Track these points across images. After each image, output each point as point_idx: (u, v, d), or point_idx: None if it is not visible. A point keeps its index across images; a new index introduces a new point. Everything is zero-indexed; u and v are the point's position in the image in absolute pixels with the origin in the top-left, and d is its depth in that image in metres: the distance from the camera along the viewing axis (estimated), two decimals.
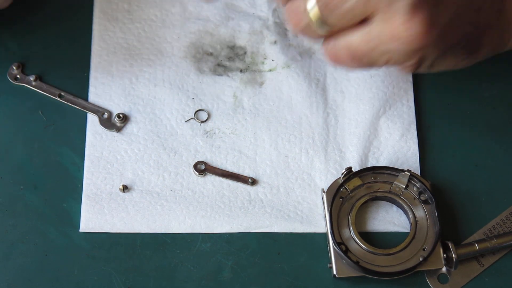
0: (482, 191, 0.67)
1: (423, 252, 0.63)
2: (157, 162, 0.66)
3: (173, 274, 0.63)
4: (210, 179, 0.66)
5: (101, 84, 0.69)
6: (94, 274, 0.63)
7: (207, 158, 0.67)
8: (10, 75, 0.69)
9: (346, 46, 0.57)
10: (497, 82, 0.70)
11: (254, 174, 0.67)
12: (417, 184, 0.65)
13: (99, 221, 0.64)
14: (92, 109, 0.68)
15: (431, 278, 0.64)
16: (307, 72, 0.70)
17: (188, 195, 0.66)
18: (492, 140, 0.69)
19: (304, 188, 0.66)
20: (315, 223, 0.65)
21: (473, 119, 0.70)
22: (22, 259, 0.63)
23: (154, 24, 0.72)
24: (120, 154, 0.67)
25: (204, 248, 0.64)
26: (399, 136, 0.68)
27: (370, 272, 0.61)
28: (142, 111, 0.68)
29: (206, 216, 0.65)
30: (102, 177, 0.66)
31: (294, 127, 0.68)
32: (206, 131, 0.68)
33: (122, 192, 0.65)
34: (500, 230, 0.66)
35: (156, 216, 0.65)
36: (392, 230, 0.65)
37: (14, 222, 0.64)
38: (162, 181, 0.66)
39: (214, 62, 0.71)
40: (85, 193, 0.65)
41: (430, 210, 0.64)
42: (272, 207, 0.66)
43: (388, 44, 0.55)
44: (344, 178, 0.64)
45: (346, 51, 0.57)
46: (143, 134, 0.67)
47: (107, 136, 0.67)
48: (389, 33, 0.54)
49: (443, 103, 0.70)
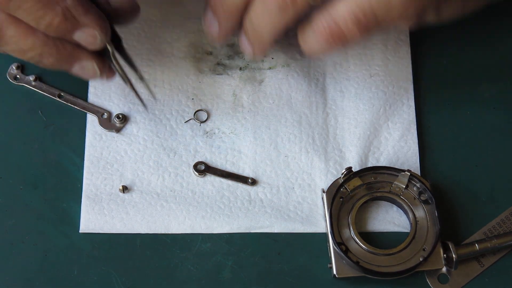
0: (482, 191, 0.67)
1: (423, 252, 0.63)
2: (156, 163, 0.66)
3: (173, 274, 0.63)
4: (210, 179, 0.66)
5: (100, 84, 0.69)
6: (94, 274, 0.63)
7: (207, 158, 0.67)
8: (10, 75, 0.69)
9: (352, 10, 0.55)
10: (497, 82, 0.70)
11: (254, 174, 0.67)
12: (417, 184, 0.65)
13: (99, 222, 0.64)
14: (92, 109, 0.68)
15: (431, 278, 0.64)
16: (306, 71, 0.70)
17: (188, 196, 0.66)
18: (492, 140, 0.69)
19: (304, 188, 0.66)
20: (315, 223, 0.65)
21: (473, 119, 0.70)
22: (22, 259, 0.63)
23: (153, 24, 0.72)
24: (119, 154, 0.67)
25: (204, 248, 0.64)
26: (399, 136, 0.68)
27: (370, 272, 0.61)
28: (141, 112, 0.68)
29: (206, 216, 0.65)
30: (102, 177, 0.66)
31: (293, 126, 0.68)
32: (206, 131, 0.68)
33: (122, 193, 0.65)
34: (500, 230, 0.66)
35: (156, 216, 0.65)
36: (392, 230, 0.65)
37: (14, 222, 0.64)
38: (162, 181, 0.66)
39: (213, 61, 0.71)
40: (84, 193, 0.65)
41: (430, 210, 0.64)
42: (272, 207, 0.66)
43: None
44: (344, 178, 0.64)
45: (353, 17, 0.55)
46: (142, 135, 0.67)
47: (107, 137, 0.67)
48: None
49: (443, 103, 0.70)
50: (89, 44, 0.59)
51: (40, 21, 0.56)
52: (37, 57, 0.59)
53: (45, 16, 0.56)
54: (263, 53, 0.63)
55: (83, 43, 0.59)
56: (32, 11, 0.55)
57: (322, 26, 0.57)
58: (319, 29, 0.57)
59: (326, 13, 0.56)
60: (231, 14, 0.61)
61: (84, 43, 0.59)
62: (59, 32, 0.57)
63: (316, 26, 0.57)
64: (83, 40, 0.58)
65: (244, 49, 0.62)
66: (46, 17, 0.56)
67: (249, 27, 0.60)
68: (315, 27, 0.57)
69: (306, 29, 0.58)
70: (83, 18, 0.57)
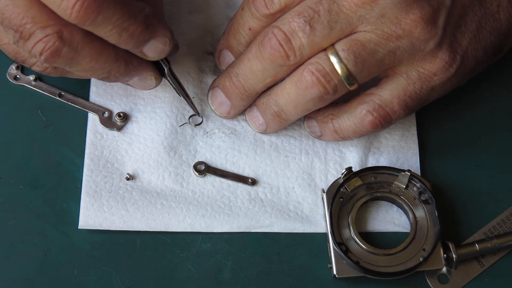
0: (482, 191, 0.67)
1: (423, 252, 0.63)
2: (157, 162, 0.66)
3: (173, 274, 0.63)
4: (210, 179, 0.66)
5: (102, 83, 0.69)
6: (94, 274, 0.63)
7: (207, 158, 0.67)
8: (10, 75, 0.69)
9: (398, 95, 0.59)
10: (497, 82, 0.70)
11: (254, 174, 0.67)
12: (417, 184, 0.65)
13: (98, 218, 0.64)
14: (93, 108, 0.68)
15: (431, 278, 0.64)
16: None
17: (188, 195, 0.66)
18: (492, 140, 0.69)
19: (304, 188, 0.66)
20: (315, 223, 0.65)
21: (473, 119, 0.70)
22: (22, 259, 0.63)
23: None
24: (120, 153, 0.67)
25: (204, 248, 0.64)
26: (399, 136, 0.68)
27: (370, 272, 0.61)
28: (142, 111, 0.68)
29: (206, 215, 0.65)
30: (102, 175, 0.66)
31: (293, 128, 0.68)
32: (206, 131, 0.68)
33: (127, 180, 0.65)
34: (501, 230, 0.66)
35: (156, 214, 0.65)
36: (392, 230, 0.65)
37: (14, 222, 0.64)
38: (162, 181, 0.66)
39: (214, 61, 0.70)
40: (84, 190, 0.65)
41: (430, 210, 0.64)
42: (272, 207, 0.66)
43: (434, 79, 0.59)
44: (344, 178, 0.64)
45: (400, 102, 0.60)
46: (143, 134, 0.67)
47: (108, 135, 0.67)
48: (429, 71, 0.59)
49: (443, 103, 0.69)
50: (159, 52, 0.59)
51: (123, 33, 0.55)
52: (106, 73, 0.59)
53: (129, 27, 0.55)
54: (275, 131, 0.67)
55: (151, 53, 0.59)
56: (118, 23, 0.54)
57: (367, 111, 0.60)
58: (362, 114, 0.60)
59: (369, 98, 0.60)
60: (248, 97, 0.63)
61: (153, 53, 0.59)
62: (138, 42, 0.57)
63: (360, 111, 0.60)
64: (153, 49, 0.59)
65: (254, 125, 0.66)
66: (131, 27, 0.55)
67: (274, 108, 0.62)
68: (358, 112, 0.61)
69: (340, 115, 0.62)
70: (159, 26, 0.58)
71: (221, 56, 0.66)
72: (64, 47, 0.55)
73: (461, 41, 0.59)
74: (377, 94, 0.60)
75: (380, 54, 0.58)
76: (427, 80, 0.59)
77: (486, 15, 0.60)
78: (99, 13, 0.53)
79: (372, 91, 0.60)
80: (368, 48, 0.57)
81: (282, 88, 0.61)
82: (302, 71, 0.59)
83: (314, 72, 0.58)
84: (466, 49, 0.60)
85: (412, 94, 0.60)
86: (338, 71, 0.58)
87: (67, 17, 0.53)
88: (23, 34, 0.55)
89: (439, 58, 0.59)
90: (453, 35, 0.59)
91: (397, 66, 0.59)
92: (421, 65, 0.59)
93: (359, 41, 0.57)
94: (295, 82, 0.59)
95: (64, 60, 0.56)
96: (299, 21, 0.58)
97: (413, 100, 0.60)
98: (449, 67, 0.59)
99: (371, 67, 0.58)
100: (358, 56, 0.57)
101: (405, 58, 0.58)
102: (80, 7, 0.52)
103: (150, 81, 0.63)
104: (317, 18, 0.57)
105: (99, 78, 0.60)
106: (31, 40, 0.55)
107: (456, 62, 0.59)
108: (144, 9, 0.56)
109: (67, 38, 0.55)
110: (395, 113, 0.60)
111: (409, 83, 0.59)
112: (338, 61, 0.58)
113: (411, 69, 0.59)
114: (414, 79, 0.59)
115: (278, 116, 0.63)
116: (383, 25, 0.57)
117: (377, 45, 0.57)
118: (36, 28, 0.54)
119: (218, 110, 0.66)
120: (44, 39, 0.55)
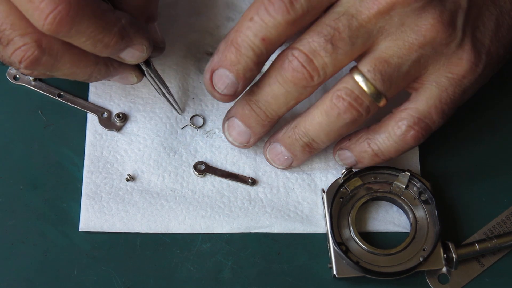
0: (482, 191, 0.67)
1: (423, 252, 0.63)
2: (157, 162, 0.66)
3: (173, 274, 0.63)
4: (210, 179, 0.66)
5: (101, 83, 0.69)
6: (94, 274, 0.63)
7: (207, 158, 0.67)
8: (10, 75, 0.69)
9: (434, 105, 0.59)
10: (497, 82, 0.70)
11: (254, 174, 0.67)
12: (417, 184, 0.65)
13: (99, 220, 0.64)
14: (92, 108, 0.68)
15: (431, 278, 0.64)
16: None
17: (188, 195, 0.66)
18: (492, 140, 0.69)
19: (304, 188, 0.66)
20: (315, 223, 0.65)
21: (473, 119, 0.70)
22: (22, 259, 0.63)
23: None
24: (120, 153, 0.67)
25: (204, 248, 0.64)
26: None
27: (370, 272, 0.61)
28: (142, 111, 0.68)
29: (206, 216, 0.65)
30: (102, 176, 0.66)
31: None
32: (206, 131, 0.68)
33: (127, 181, 0.65)
34: (501, 230, 0.66)
35: (156, 215, 0.65)
36: (392, 230, 0.65)
37: (14, 222, 0.64)
38: (162, 181, 0.66)
39: None
40: (84, 192, 0.65)
41: (430, 210, 0.64)
42: (272, 207, 0.66)
43: (464, 81, 0.59)
44: (344, 178, 0.64)
45: (438, 111, 0.59)
46: (143, 134, 0.67)
47: (107, 136, 0.67)
48: (458, 74, 0.59)
49: None
50: (136, 58, 0.59)
51: (97, 44, 0.55)
52: (87, 76, 0.60)
53: (104, 39, 0.55)
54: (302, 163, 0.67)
55: (129, 58, 0.59)
56: (92, 36, 0.54)
57: (408, 126, 0.59)
58: (403, 130, 0.60)
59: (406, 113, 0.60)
60: (270, 123, 0.62)
61: (130, 58, 0.59)
62: (113, 51, 0.57)
63: (400, 128, 0.60)
64: (130, 56, 0.59)
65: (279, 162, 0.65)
66: (105, 39, 0.55)
67: (304, 140, 0.62)
68: (397, 129, 0.60)
69: (378, 137, 0.61)
70: (135, 36, 0.58)
71: (216, 77, 0.60)
72: (44, 56, 0.55)
73: (483, 41, 0.59)
74: (413, 108, 0.59)
75: (405, 67, 0.57)
76: (458, 83, 0.59)
77: (502, 14, 0.60)
78: (72, 26, 0.53)
79: (406, 106, 0.60)
80: (392, 63, 0.57)
81: (310, 118, 0.60)
82: (331, 98, 0.58)
83: (345, 98, 0.58)
84: (488, 48, 0.59)
85: (447, 101, 0.59)
86: (367, 92, 0.57)
87: (40, 27, 0.53)
88: (2, 40, 0.55)
89: (465, 60, 0.58)
90: (474, 35, 0.59)
91: (423, 76, 0.59)
92: (449, 70, 0.58)
93: (383, 58, 0.57)
94: (326, 111, 0.59)
95: (44, 67, 0.56)
96: (319, 40, 0.56)
97: (449, 106, 0.59)
98: (476, 67, 0.59)
99: (399, 81, 0.58)
100: (385, 74, 0.57)
101: (429, 64, 0.58)
102: (53, 20, 0.52)
103: (131, 78, 0.63)
104: (338, 35, 0.56)
105: (80, 80, 0.60)
106: (10, 46, 0.55)
107: (482, 61, 0.59)
108: (121, 20, 0.56)
109: (46, 47, 0.55)
110: (434, 123, 0.59)
111: (442, 90, 0.59)
112: (365, 82, 0.57)
113: (440, 76, 0.59)
114: (445, 86, 0.59)
115: (308, 147, 0.62)
116: (403, 34, 0.57)
117: (401, 58, 0.57)
118: (15, 35, 0.54)
119: (237, 140, 0.64)
120: (23, 48, 0.55)
